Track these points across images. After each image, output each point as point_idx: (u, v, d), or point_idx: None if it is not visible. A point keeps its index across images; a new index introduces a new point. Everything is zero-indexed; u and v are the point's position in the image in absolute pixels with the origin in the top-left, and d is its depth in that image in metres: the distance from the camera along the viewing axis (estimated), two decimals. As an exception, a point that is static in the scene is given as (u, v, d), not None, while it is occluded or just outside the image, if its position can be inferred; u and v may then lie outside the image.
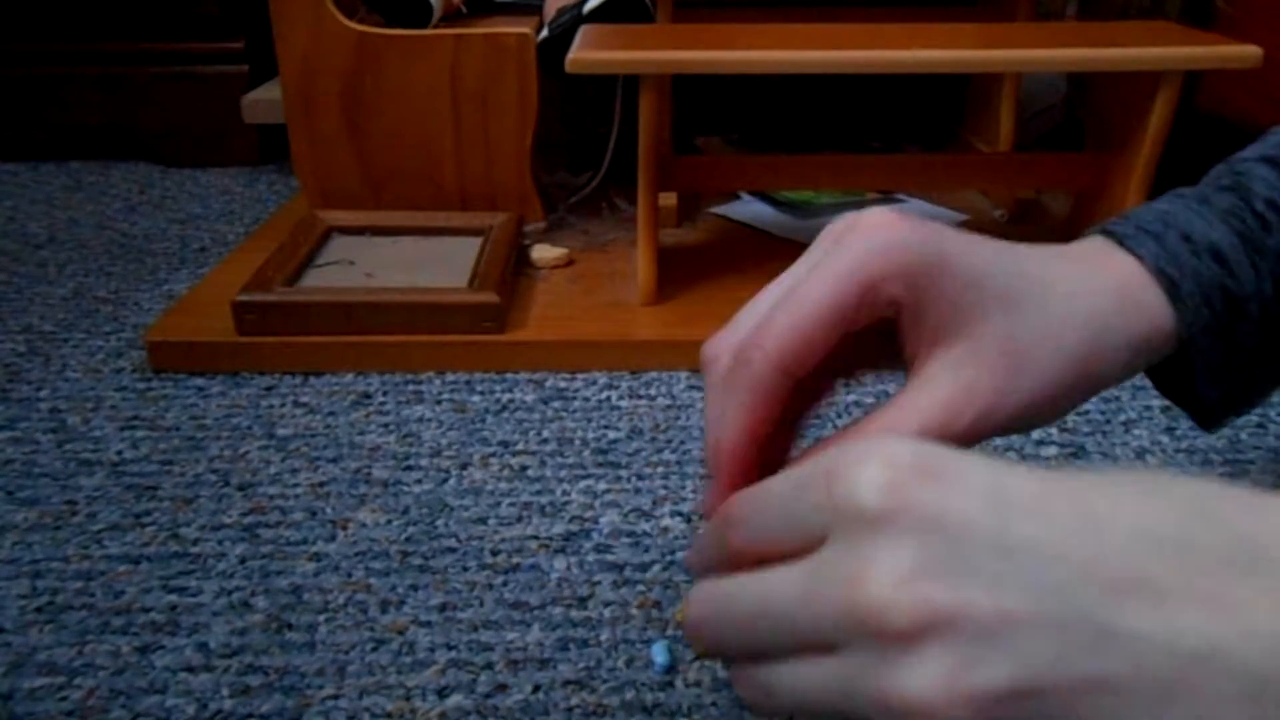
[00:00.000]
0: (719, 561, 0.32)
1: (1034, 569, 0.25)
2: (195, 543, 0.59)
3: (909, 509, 0.26)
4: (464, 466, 0.67)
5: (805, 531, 0.29)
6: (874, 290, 0.35)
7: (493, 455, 0.68)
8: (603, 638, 0.51)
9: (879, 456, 0.27)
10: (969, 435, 0.36)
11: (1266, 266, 0.40)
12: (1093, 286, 0.39)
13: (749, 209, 1.09)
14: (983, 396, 0.36)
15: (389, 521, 0.61)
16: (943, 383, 0.36)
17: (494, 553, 0.58)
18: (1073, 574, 0.25)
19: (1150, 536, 0.26)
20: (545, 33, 0.99)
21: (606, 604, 0.54)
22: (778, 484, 0.31)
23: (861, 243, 0.35)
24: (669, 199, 1.03)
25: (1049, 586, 0.25)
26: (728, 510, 0.32)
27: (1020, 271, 0.38)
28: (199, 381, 0.78)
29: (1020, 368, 0.36)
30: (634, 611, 0.53)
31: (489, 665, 0.50)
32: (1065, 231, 0.98)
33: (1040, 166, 0.96)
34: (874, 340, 0.37)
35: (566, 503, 0.63)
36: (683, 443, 0.69)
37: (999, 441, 0.68)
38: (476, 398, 0.76)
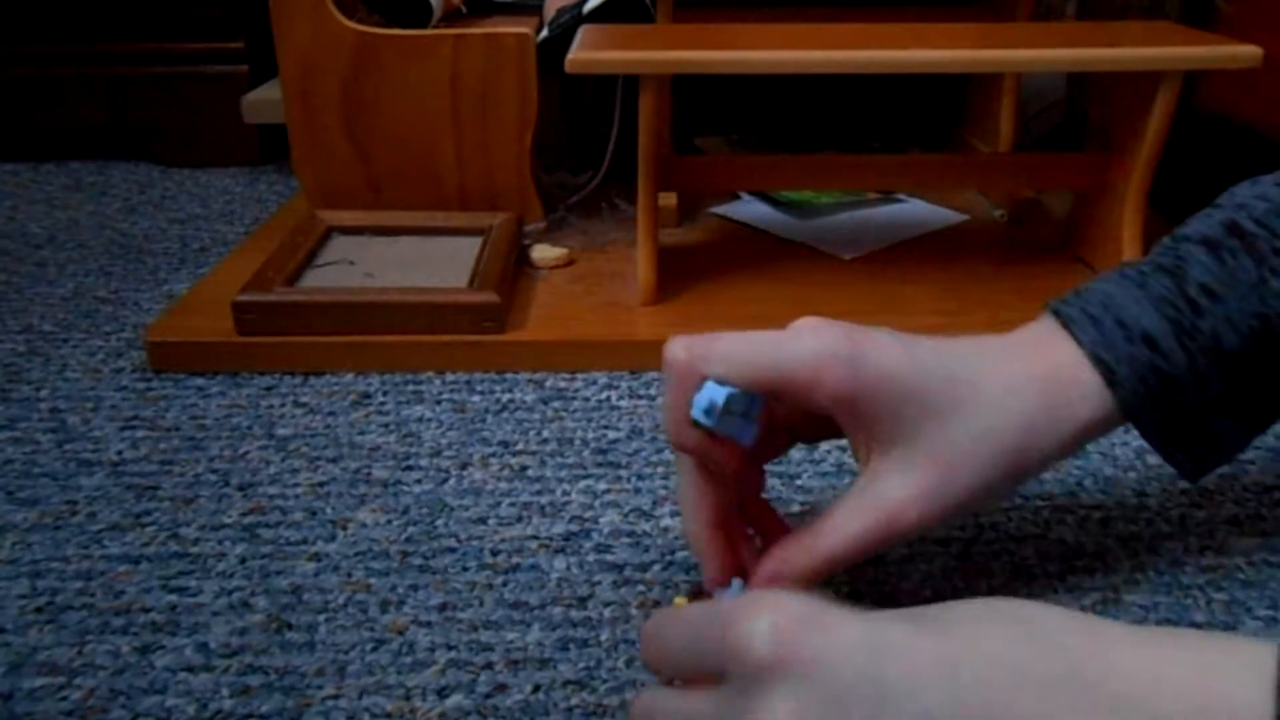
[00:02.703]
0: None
1: (901, 711, 0.29)
2: (195, 543, 0.59)
3: (793, 658, 0.30)
4: (464, 466, 0.67)
5: (707, 669, 0.33)
6: (801, 395, 0.41)
7: (493, 455, 0.68)
8: (603, 638, 0.51)
9: (769, 611, 0.31)
10: (910, 533, 0.42)
11: (1197, 347, 0.44)
12: (1025, 386, 0.43)
13: (749, 209, 1.09)
14: (922, 500, 0.41)
15: (389, 521, 0.61)
16: (886, 488, 0.41)
17: (494, 553, 0.58)
18: (934, 712, 0.29)
19: (1000, 674, 0.29)
20: (545, 33, 0.99)
21: (606, 604, 0.54)
22: (686, 624, 0.35)
23: (796, 348, 0.41)
24: (669, 199, 1.03)
25: None
26: (647, 630, 0.38)
27: (952, 377, 0.43)
28: (199, 381, 0.78)
29: (954, 472, 0.42)
30: (634, 611, 0.53)
31: (489, 665, 0.50)
32: (1065, 232, 0.98)
33: (1040, 166, 0.96)
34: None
35: (566, 503, 0.63)
36: (683, 443, 0.69)
37: (999, 441, 0.68)
38: (476, 398, 0.76)
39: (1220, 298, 0.43)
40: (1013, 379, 0.43)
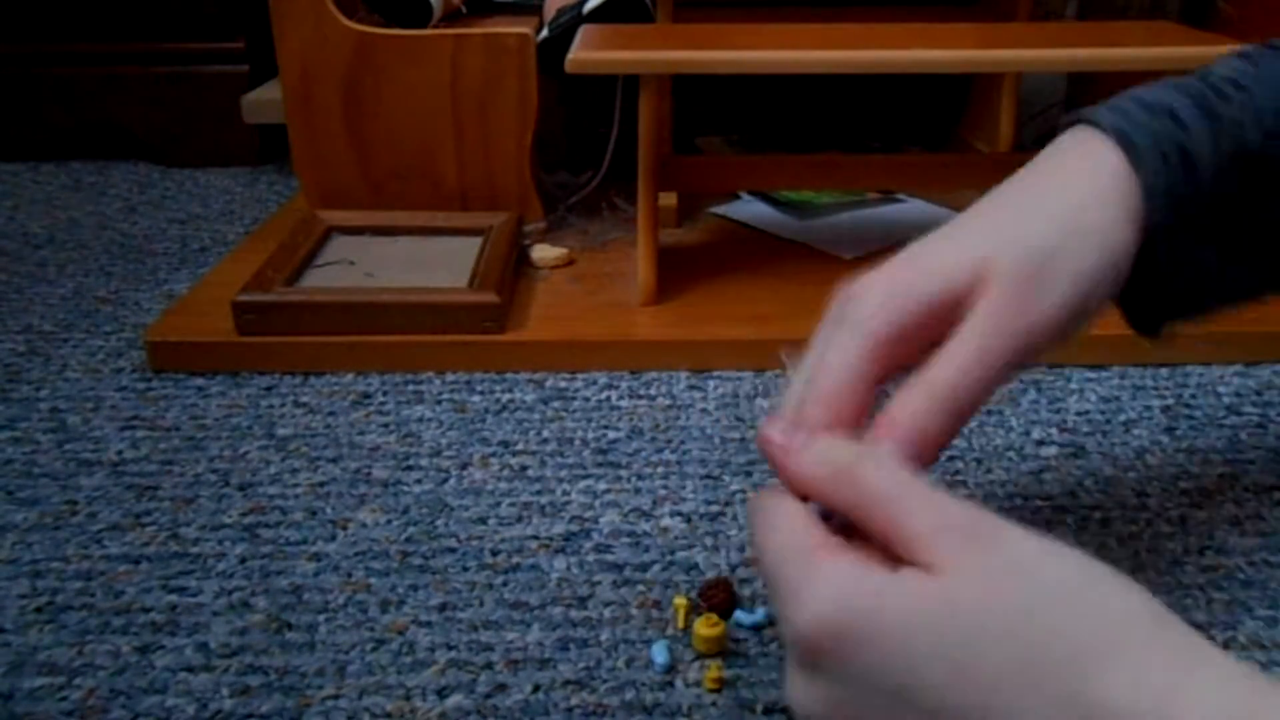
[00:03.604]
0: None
1: None
2: (195, 543, 0.59)
3: (832, 656, 0.32)
4: (464, 466, 0.67)
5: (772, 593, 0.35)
6: (899, 353, 0.40)
7: (493, 455, 0.68)
8: (603, 638, 0.51)
9: (810, 602, 0.32)
10: (1024, 340, 0.39)
11: (1220, 130, 0.42)
12: (1073, 201, 0.41)
13: (749, 209, 1.09)
14: (1016, 299, 0.39)
15: (389, 521, 0.61)
16: (979, 308, 0.39)
17: (494, 553, 0.58)
18: None
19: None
20: (545, 33, 0.99)
21: (606, 604, 0.54)
22: (774, 547, 0.35)
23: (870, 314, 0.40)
24: (669, 199, 1.03)
25: None
26: (760, 507, 0.37)
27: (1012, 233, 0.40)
28: (199, 381, 0.78)
29: (1037, 289, 0.39)
30: (634, 611, 0.53)
31: (489, 665, 0.50)
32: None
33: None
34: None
35: (566, 503, 0.63)
36: (683, 443, 0.69)
37: (999, 441, 0.68)
38: (476, 398, 0.76)
39: (1246, 89, 0.43)
40: (1063, 200, 0.42)
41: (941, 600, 0.31)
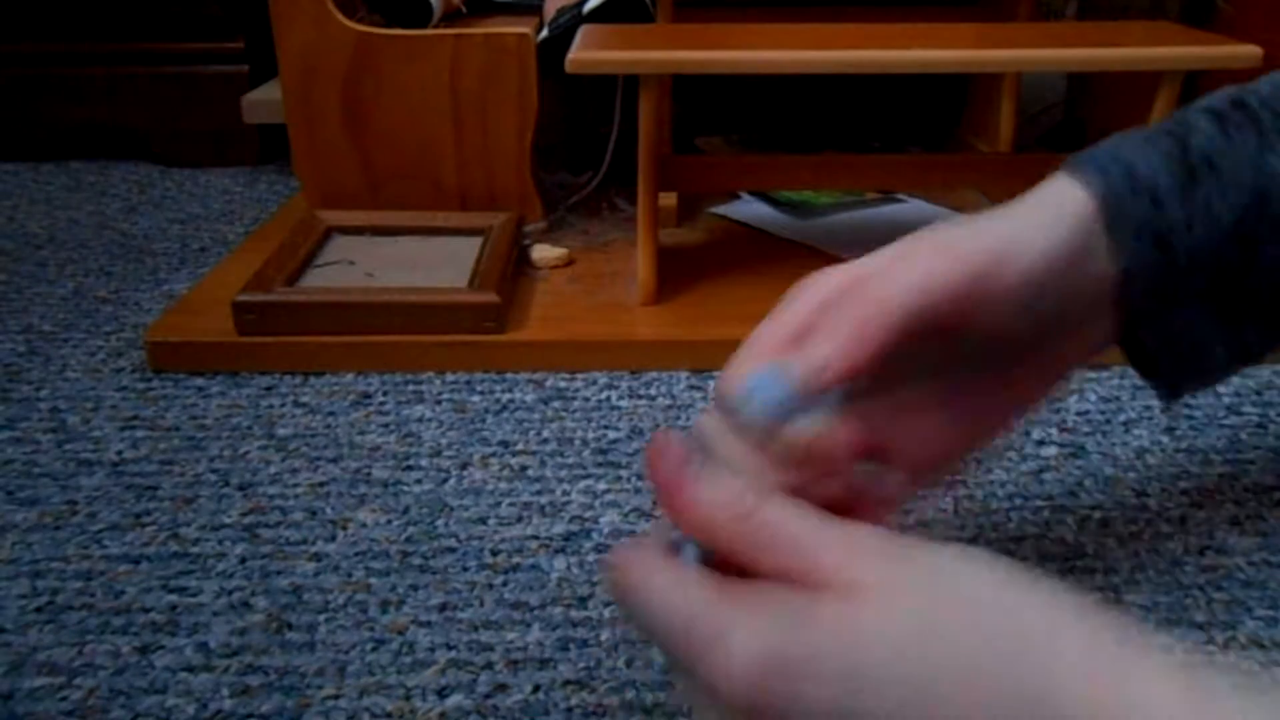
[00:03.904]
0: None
1: None
2: (195, 543, 0.59)
3: (772, 700, 0.29)
4: (464, 466, 0.67)
5: (681, 664, 0.31)
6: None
7: (493, 455, 0.68)
8: (603, 638, 0.51)
9: (737, 649, 0.29)
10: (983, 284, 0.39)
11: (1196, 212, 0.44)
12: (1050, 234, 0.42)
13: (749, 209, 1.09)
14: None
15: (389, 521, 0.61)
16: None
17: (494, 553, 0.58)
18: None
19: None
20: (545, 33, 0.99)
21: (606, 604, 0.54)
22: (663, 609, 0.32)
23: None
24: (669, 199, 1.03)
25: None
26: (624, 581, 0.34)
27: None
28: (199, 381, 0.78)
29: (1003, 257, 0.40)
30: (634, 611, 0.53)
31: (489, 665, 0.50)
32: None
33: (1040, 166, 0.95)
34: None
35: (566, 503, 0.63)
36: (683, 443, 0.69)
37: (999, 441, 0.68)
38: (476, 398, 0.76)
39: (1218, 168, 0.44)
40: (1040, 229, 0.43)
41: (878, 613, 0.29)
